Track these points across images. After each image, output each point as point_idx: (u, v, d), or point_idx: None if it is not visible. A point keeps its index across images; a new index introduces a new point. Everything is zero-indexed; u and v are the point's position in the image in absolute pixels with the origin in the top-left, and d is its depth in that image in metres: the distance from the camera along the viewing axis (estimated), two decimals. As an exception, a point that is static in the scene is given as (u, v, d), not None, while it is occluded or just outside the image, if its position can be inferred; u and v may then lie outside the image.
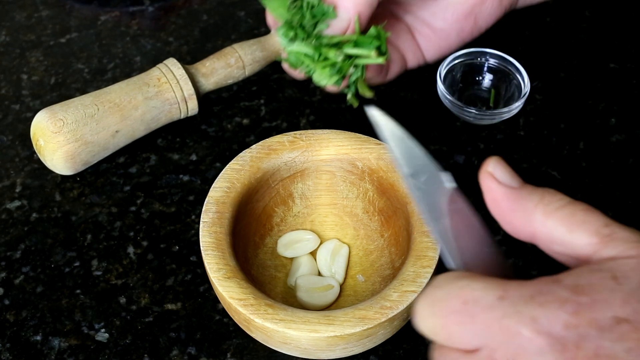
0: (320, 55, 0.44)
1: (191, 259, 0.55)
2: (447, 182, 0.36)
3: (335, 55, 0.44)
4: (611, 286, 0.29)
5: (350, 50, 0.44)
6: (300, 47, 0.44)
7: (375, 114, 0.37)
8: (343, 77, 0.45)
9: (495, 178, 0.35)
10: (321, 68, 0.44)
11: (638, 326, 0.29)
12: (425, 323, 0.32)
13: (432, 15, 0.51)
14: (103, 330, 0.52)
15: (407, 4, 0.52)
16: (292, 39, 0.44)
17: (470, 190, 0.39)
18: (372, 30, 0.45)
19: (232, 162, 0.52)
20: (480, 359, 0.30)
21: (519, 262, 0.54)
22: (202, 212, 0.50)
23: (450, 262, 0.35)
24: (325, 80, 0.45)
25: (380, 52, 0.45)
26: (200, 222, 0.49)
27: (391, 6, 0.52)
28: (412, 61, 0.53)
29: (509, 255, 0.54)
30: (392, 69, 0.51)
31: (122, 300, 0.53)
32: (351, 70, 0.45)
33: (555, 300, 0.29)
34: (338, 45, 0.44)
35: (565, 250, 0.33)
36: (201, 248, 0.48)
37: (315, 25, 0.44)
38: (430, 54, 0.53)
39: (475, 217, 0.36)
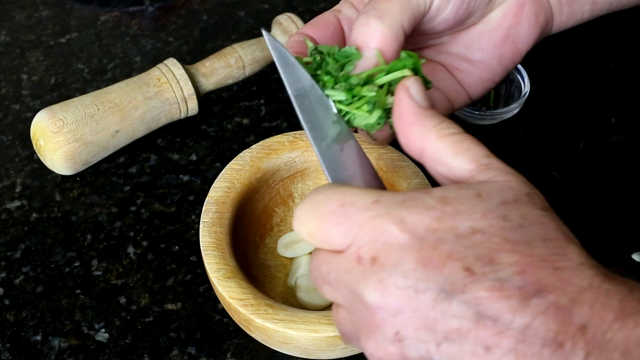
0: (353, 96, 0.42)
1: (191, 259, 0.55)
2: (332, 107, 0.40)
3: (368, 90, 0.41)
4: (474, 201, 0.32)
5: (383, 79, 0.41)
6: (332, 95, 0.42)
7: (268, 38, 0.40)
8: (387, 112, 0.41)
9: (408, 92, 0.37)
10: (358, 108, 0.42)
11: (490, 238, 0.31)
12: (304, 225, 0.34)
13: (467, 48, 0.49)
14: (103, 330, 0.52)
15: (437, 44, 0.50)
16: (322, 90, 0.42)
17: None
18: (403, 54, 0.42)
19: (232, 162, 0.52)
20: (347, 256, 0.33)
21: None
22: (202, 212, 0.50)
23: (329, 178, 0.38)
24: (366, 119, 0.41)
25: (417, 74, 0.42)
26: (200, 222, 0.49)
27: (421, 51, 0.50)
28: (457, 101, 0.50)
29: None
30: (438, 111, 0.49)
31: (122, 300, 0.53)
32: (391, 100, 0.41)
33: (422, 206, 0.32)
34: (369, 80, 0.41)
35: (447, 173, 0.35)
36: (201, 248, 0.48)
37: (341, 68, 0.42)
38: (474, 90, 0.50)
39: (356, 142, 0.40)
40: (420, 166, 0.52)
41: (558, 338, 0.29)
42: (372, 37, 0.41)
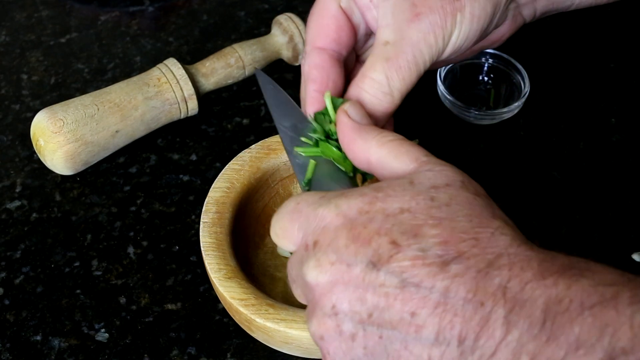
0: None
1: (191, 259, 0.55)
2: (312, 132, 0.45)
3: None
4: (406, 187, 0.35)
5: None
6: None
7: (260, 76, 0.46)
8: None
9: (347, 114, 0.42)
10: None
11: (417, 215, 0.34)
12: (273, 229, 0.39)
13: None
14: (103, 330, 0.52)
15: None
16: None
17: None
18: None
19: (231, 162, 0.52)
20: (299, 248, 0.37)
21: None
22: (202, 212, 0.50)
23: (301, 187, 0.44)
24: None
25: None
26: (201, 223, 0.49)
27: None
28: None
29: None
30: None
31: (122, 300, 0.53)
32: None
33: (357, 194, 0.36)
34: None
35: (391, 176, 0.38)
36: (202, 248, 0.48)
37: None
38: (432, 67, 0.54)
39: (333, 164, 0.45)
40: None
41: (477, 298, 0.31)
42: (377, 105, 0.45)
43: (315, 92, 0.46)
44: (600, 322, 0.29)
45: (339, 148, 0.44)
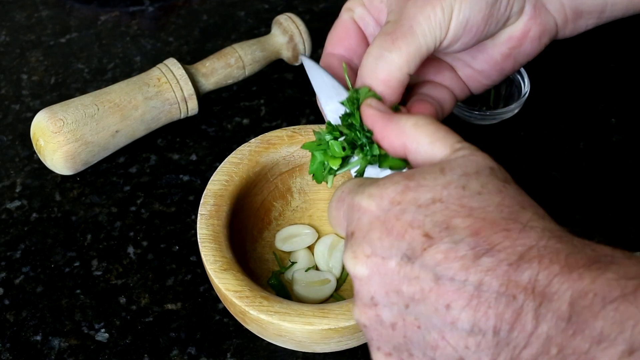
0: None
1: (191, 259, 0.55)
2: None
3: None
4: (436, 175, 0.35)
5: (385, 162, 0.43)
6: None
7: (306, 61, 0.47)
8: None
9: (372, 106, 0.42)
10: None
11: (448, 205, 0.34)
12: (329, 218, 0.40)
13: (472, 58, 0.51)
14: (103, 330, 0.52)
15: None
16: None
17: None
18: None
19: (230, 155, 0.53)
20: (346, 236, 0.37)
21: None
22: (200, 204, 0.50)
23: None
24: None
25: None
26: (198, 215, 0.49)
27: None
28: (460, 96, 0.53)
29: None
30: (446, 109, 0.52)
31: (122, 300, 0.53)
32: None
33: (389, 182, 0.36)
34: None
35: (426, 159, 0.38)
36: (198, 240, 0.48)
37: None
38: (475, 89, 0.54)
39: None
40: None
41: (510, 291, 0.32)
42: (379, 82, 0.44)
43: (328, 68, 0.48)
44: (622, 316, 0.30)
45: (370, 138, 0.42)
